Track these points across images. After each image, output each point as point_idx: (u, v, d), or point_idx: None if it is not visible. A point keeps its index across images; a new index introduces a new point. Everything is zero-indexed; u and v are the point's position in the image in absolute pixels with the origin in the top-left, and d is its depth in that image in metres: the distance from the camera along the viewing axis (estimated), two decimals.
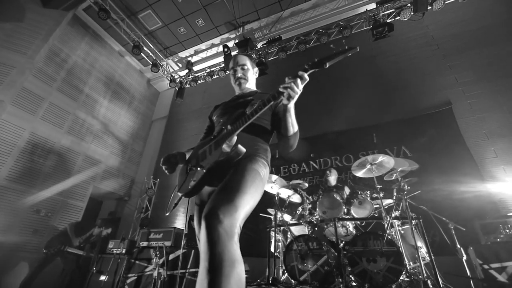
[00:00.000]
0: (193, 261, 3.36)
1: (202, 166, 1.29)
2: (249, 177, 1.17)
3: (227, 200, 1.03)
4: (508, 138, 4.09)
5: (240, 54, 1.70)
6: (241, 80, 1.63)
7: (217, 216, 0.96)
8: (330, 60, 1.15)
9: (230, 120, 1.36)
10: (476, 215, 3.52)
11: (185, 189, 1.31)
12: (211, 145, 1.33)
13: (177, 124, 7.58)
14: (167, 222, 6.04)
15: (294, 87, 1.15)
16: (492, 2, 5.09)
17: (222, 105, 1.66)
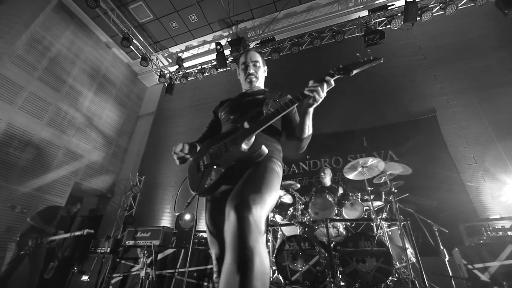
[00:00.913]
0: (183, 261, 3.28)
1: (218, 165, 1.25)
2: (272, 175, 1.16)
3: (256, 191, 1.00)
4: (486, 146, 4.34)
5: (252, 50, 1.66)
6: (252, 77, 1.59)
7: (248, 207, 0.92)
8: (356, 68, 1.16)
9: (245, 119, 1.33)
10: (457, 218, 3.71)
11: (201, 188, 1.25)
12: (227, 143, 1.28)
13: (165, 121, 7.40)
14: (152, 221, 5.88)
15: (320, 92, 1.14)
16: (475, 17, 5.39)
17: (230, 102, 1.61)
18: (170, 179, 6.28)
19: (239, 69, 1.67)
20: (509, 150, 4.05)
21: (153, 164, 6.70)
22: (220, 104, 1.66)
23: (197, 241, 3.61)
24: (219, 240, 1.22)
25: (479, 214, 3.87)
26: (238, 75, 1.71)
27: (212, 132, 1.64)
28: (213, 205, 1.32)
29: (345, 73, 1.16)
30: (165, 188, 6.20)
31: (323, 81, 1.14)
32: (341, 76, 1.18)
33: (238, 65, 1.67)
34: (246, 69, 1.60)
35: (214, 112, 1.68)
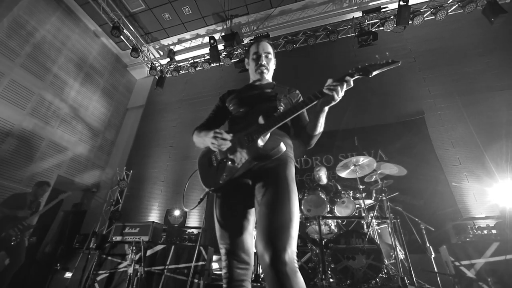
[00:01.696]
0: (173, 257, 3.22)
1: (233, 160, 1.22)
2: (295, 193, 1.15)
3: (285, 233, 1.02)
4: (470, 148, 4.51)
5: (265, 41, 1.58)
6: (264, 69, 1.54)
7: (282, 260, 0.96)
8: (376, 70, 1.15)
9: (256, 113, 1.28)
10: (442, 217, 3.85)
11: (216, 183, 1.22)
12: (241, 139, 1.24)
13: (155, 114, 7.22)
14: (139, 216, 5.75)
15: (339, 91, 1.13)
16: (463, 24, 5.57)
17: (238, 93, 1.56)
18: (159, 174, 6.15)
19: (249, 59, 1.61)
20: (491, 152, 4.22)
21: (141, 158, 6.54)
22: (228, 94, 1.61)
23: (187, 237, 3.54)
24: (229, 234, 1.20)
25: (462, 214, 4.02)
26: (247, 64, 1.65)
27: (216, 119, 1.58)
28: (224, 200, 1.28)
29: (364, 74, 1.16)
30: (154, 183, 6.07)
31: (343, 80, 1.13)
32: (360, 77, 1.17)
33: (249, 54, 1.60)
34: (257, 59, 1.54)
35: (221, 100, 1.61)
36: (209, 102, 6.82)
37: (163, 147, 6.51)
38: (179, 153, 6.30)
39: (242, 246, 1.18)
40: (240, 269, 1.15)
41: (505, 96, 4.74)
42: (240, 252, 1.17)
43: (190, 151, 6.21)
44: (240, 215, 1.23)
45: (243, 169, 1.21)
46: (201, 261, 3.14)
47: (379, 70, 1.15)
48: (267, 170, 1.21)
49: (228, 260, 1.17)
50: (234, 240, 1.18)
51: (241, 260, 1.16)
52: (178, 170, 6.06)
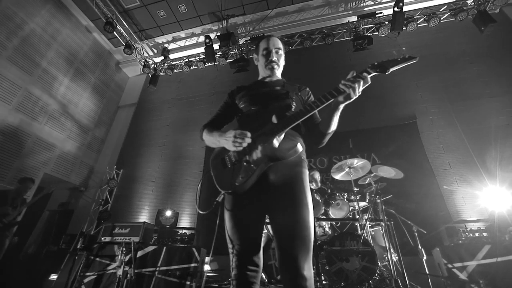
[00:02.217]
0: (164, 259, 3.14)
1: (249, 161, 1.18)
2: (310, 204, 1.18)
3: (305, 253, 1.08)
4: (460, 153, 4.61)
5: (275, 36, 1.55)
6: (274, 65, 1.50)
7: (303, 278, 1.04)
8: (393, 66, 1.12)
9: (269, 112, 1.26)
10: (433, 220, 3.91)
11: (232, 185, 1.18)
12: (255, 139, 1.20)
13: (147, 113, 7.09)
14: (129, 217, 5.61)
15: (356, 89, 1.10)
16: (454, 32, 5.71)
17: (248, 90, 1.52)
18: (151, 174, 6.03)
19: (258, 55, 1.57)
20: (481, 157, 4.32)
21: (132, 158, 6.39)
22: (238, 90, 1.56)
23: (179, 239, 3.47)
24: (241, 236, 1.18)
25: (452, 217, 4.09)
26: (256, 60, 1.62)
27: (224, 116, 1.54)
28: (237, 201, 1.23)
29: (381, 71, 1.13)
30: (145, 183, 5.94)
31: (359, 78, 1.10)
32: (377, 74, 1.14)
33: (259, 50, 1.56)
34: (268, 55, 1.50)
35: (230, 96, 1.57)
36: (203, 101, 6.75)
37: (155, 147, 6.39)
38: (171, 152, 6.20)
39: (254, 248, 1.17)
40: (251, 271, 1.14)
41: (494, 103, 4.88)
42: (251, 255, 1.16)
43: (183, 151, 6.12)
44: (254, 218, 1.22)
45: (260, 170, 1.17)
46: (194, 263, 3.08)
47: (396, 66, 1.13)
48: (284, 175, 1.21)
49: (238, 262, 1.15)
50: (246, 242, 1.17)
51: (252, 262, 1.15)
52: (170, 170, 5.95)
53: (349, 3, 6.19)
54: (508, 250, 2.32)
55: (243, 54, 6.57)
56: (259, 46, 1.56)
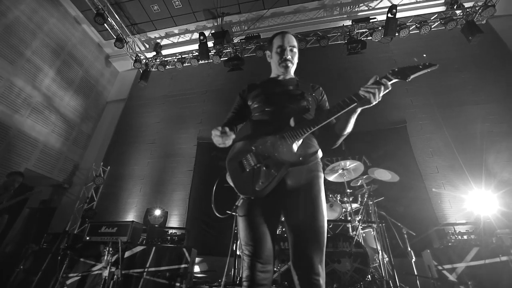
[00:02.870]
0: (153, 260, 3.04)
1: (268, 166, 1.19)
2: (325, 207, 1.21)
3: (320, 254, 1.12)
4: (447, 157, 4.74)
5: (290, 33, 1.51)
6: (288, 63, 1.48)
7: (318, 274, 1.09)
8: (414, 73, 1.13)
9: (286, 114, 1.28)
10: (420, 222, 3.99)
11: (253, 191, 1.17)
12: (274, 143, 1.22)
13: (137, 109, 6.90)
14: (115, 215, 5.42)
15: (377, 94, 1.12)
16: (444, 40, 5.89)
17: (261, 89, 1.49)
18: (139, 172, 5.86)
19: (271, 52, 1.53)
20: (467, 162, 4.46)
21: (120, 155, 6.20)
22: (249, 89, 1.53)
23: (169, 239, 3.37)
24: (256, 237, 1.18)
25: (439, 220, 4.19)
26: (268, 57, 1.59)
27: (238, 117, 1.51)
28: (253, 205, 1.23)
29: (402, 78, 1.13)
30: (134, 181, 5.77)
31: (380, 84, 1.12)
32: (398, 80, 1.14)
33: (272, 47, 1.52)
34: (282, 53, 1.47)
35: (241, 96, 1.54)
36: (195, 99, 6.65)
37: (145, 144, 6.22)
38: (161, 150, 6.06)
39: (267, 250, 1.18)
40: (263, 272, 1.15)
41: (480, 110, 5.06)
42: (264, 256, 1.16)
43: (174, 148, 5.99)
44: (270, 220, 1.23)
45: (280, 175, 1.18)
46: (184, 264, 3.00)
47: (417, 73, 1.13)
48: (301, 179, 1.22)
49: (251, 263, 1.15)
50: (261, 243, 1.17)
51: (264, 264, 1.16)
52: (159, 168, 5.81)
53: (344, 7, 6.27)
54: (495, 252, 2.39)
55: (237, 53, 6.52)
56: (273, 42, 1.52)
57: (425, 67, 1.14)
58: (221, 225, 4.91)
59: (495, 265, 2.31)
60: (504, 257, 2.31)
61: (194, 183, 5.48)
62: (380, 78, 1.14)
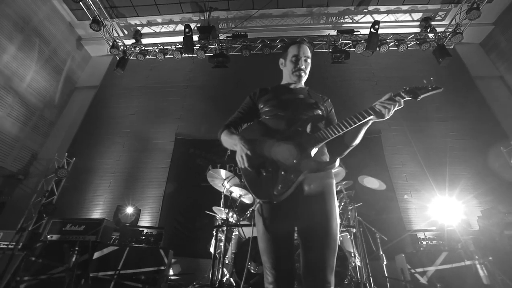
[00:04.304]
0: (127, 261, 2.82)
1: (287, 171, 1.19)
2: (338, 217, 1.24)
3: (332, 262, 1.14)
4: (413, 167, 5.10)
5: (305, 44, 1.56)
6: (302, 73, 1.53)
7: (329, 283, 1.11)
8: (423, 94, 1.21)
9: (305, 121, 1.32)
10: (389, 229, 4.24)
11: (271, 196, 1.16)
12: (292, 147, 1.23)
13: (110, 98, 6.42)
14: (79, 212, 4.97)
15: (391, 110, 1.18)
16: (417, 59, 6.36)
17: (273, 93, 1.52)
18: (109, 166, 5.45)
19: (285, 60, 1.58)
20: (432, 172, 4.84)
21: (88, 146, 5.71)
22: (261, 93, 1.55)
23: (144, 239, 3.16)
24: (278, 248, 1.17)
25: (406, 226, 4.49)
26: (281, 64, 1.63)
27: (245, 118, 1.52)
28: (271, 210, 1.21)
29: (413, 97, 1.21)
30: (102, 175, 5.34)
31: (395, 101, 1.18)
32: (410, 99, 1.21)
33: (287, 55, 1.56)
34: (297, 62, 1.52)
35: (252, 99, 1.56)
36: (175, 93, 6.38)
37: (117, 136, 5.80)
38: (135, 144, 5.70)
39: (290, 259, 1.18)
40: (291, 283, 1.16)
41: (443, 126, 5.54)
42: (288, 269, 1.17)
43: (149, 143, 5.67)
44: (290, 228, 1.23)
45: (298, 181, 1.18)
46: (161, 266, 2.82)
47: (426, 94, 1.21)
48: (316, 186, 1.24)
49: (276, 274, 1.14)
50: (283, 255, 1.17)
51: (292, 273, 1.17)
52: (132, 163, 5.46)
53: (330, 17, 6.47)
54: (461, 257, 2.60)
55: (223, 50, 6.39)
56: (288, 51, 1.56)
57: (433, 89, 1.23)
58: (196, 226, 4.76)
59: (461, 269, 2.52)
60: (469, 261, 2.52)
61: (169, 181, 5.24)
62: (395, 95, 1.20)
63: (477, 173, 4.83)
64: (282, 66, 1.63)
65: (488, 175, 4.75)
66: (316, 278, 1.11)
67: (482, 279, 2.30)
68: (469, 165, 4.93)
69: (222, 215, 3.88)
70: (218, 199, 4.06)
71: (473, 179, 4.76)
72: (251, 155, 1.22)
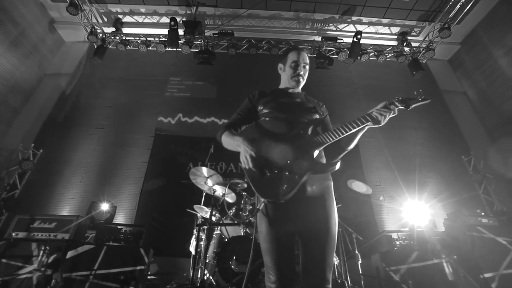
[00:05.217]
0: (104, 261, 2.67)
1: (292, 172, 1.22)
2: (337, 218, 1.29)
3: (331, 261, 1.20)
4: (386, 172, 5.42)
5: (304, 51, 1.65)
6: (300, 78, 1.59)
7: (328, 282, 1.15)
8: (414, 104, 1.29)
9: (306, 125, 1.39)
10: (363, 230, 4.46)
11: (277, 195, 1.18)
12: (296, 150, 1.27)
13: (85, 88, 6.03)
14: (45, 207, 4.61)
15: (386, 117, 1.29)
16: (393, 70, 6.76)
17: (273, 96, 1.56)
18: (82, 159, 5.12)
19: (285, 65, 1.63)
20: (404, 177, 5.17)
21: (58, 137, 5.32)
22: (260, 95, 1.59)
23: (122, 237, 3.02)
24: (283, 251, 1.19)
25: (379, 228, 4.76)
26: (280, 69, 1.68)
27: (244, 120, 1.56)
28: (275, 211, 1.23)
29: (405, 106, 1.30)
30: (73, 169, 5.00)
31: (390, 109, 1.27)
32: (403, 108, 1.30)
33: (286, 60, 1.62)
34: (296, 68, 1.58)
35: (251, 101, 1.59)
36: (157, 87, 6.17)
37: (91, 128, 5.47)
38: (111, 138, 5.41)
39: (292, 259, 1.20)
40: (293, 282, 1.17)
41: (414, 134, 5.96)
42: (292, 269, 1.19)
43: (127, 138, 5.43)
44: (292, 228, 1.24)
45: (302, 181, 1.21)
46: (140, 265, 2.72)
47: (416, 104, 1.31)
48: (317, 187, 1.29)
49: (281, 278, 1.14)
50: (286, 255, 1.18)
51: (293, 273, 1.18)
52: (107, 157, 5.18)
53: (316, 23, 6.65)
54: (430, 256, 2.83)
55: (208, 46, 6.30)
56: (288, 57, 1.61)
57: (422, 100, 1.33)
58: (175, 224, 4.64)
59: (430, 267, 2.73)
60: (436, 259, 2.74)
61: (147, 177, 5.05)
62: (389, 104, 1.30)
63: (442, 179, 5.26)
64: (281, 71, 1.68)
65: (451, 181, 5.19)
66: (317, 277, 1.15)
67: (447, 276, 2.52)
68: (435, 171, 5.34)
69: (204, 214, 3.84)
70: (199, 197, 4.01)
71: (439, 184, 5.18)
72: (256, 156, 1.23)
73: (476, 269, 2.63)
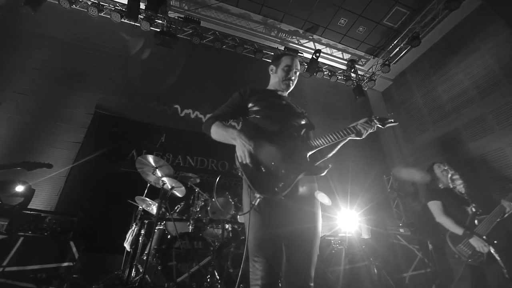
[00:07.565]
0: (18, 255, 2.18)
1: (288, 170, 1.26)
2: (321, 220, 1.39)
3: (315, 259, 1.28)
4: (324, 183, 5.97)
5: (298, 58, 1.78)
6: (290, 83, 1.68)
7: (311, 279, 1.22)
8: (387, 124, 1.44)
9: (299, 128, 1.49)
10: None
11: (273, 192, 1.22)
12: (291, 150, 1.33)
13: (7, 41, 4.83)
14: None
15: (368, 131, 1.42)
16: (341, 91, 7.54)
17: (264, 95, 1.58)
18: None
19: (277, 67, 1.70)
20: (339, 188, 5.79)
21: None
22: (252, 92, 1.60)
23: (46, 226, 2.53)
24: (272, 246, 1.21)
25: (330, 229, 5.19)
26: (271, 71, 1.75)
27: (233, 114, 1.56)
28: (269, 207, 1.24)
29: (381, 124, 1.43)
30: None
31: (370, 125, 1.41)
32: (379, 126, 1.45)
33: (279, 63, 1.69)
34: (288, 72, 1.66)
35: (242, 96, 1.60)
36: (104, 61, 5.42)
37: (10, 92, 4.42)
38: (35, 107, 4.48)
39: (281, 256, 1.23)
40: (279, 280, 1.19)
41: (349, 151, 6.73)
42: (281, 265, 1.21)
43: (59, 111, 4.60)
44: (283, 225, 1.27)
45: (296, 180, 1.26)
46: (68, 262, 2.32)
47: (388, 124, 1.46)
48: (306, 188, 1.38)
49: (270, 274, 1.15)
50: (277, 252, 1.20)
51: (281, 269, 1.22)
52: (27, 130, 4.27)
53: (281, 32, 6.92)
54: (360, 259, 3.24)
55: (171, 29, 5.88)
56: (282, 60, 1.68)
57: (393, 122, 1.52)
58: (108, 215, 4.15)
59: (360, 268, 3.13)
60: (365, 262, 3.16)
61: (78, 159, 4.37)
62: (370, 120, 1.45)
63: (366, 192, 6.10)
64: (272, 72, 1.74)
65: (375, 195, 6.06)
66: (302, 274, 1.21)
67: (374, 277, 2.94)
68: (363, 185, 6.16)
69: (145, 207, 3.53)
70: (142, 188, 3.67)
71: (365, 196, 5.97)
72: (253, 151, 1.22)
73: (395, 271, 3.14)
